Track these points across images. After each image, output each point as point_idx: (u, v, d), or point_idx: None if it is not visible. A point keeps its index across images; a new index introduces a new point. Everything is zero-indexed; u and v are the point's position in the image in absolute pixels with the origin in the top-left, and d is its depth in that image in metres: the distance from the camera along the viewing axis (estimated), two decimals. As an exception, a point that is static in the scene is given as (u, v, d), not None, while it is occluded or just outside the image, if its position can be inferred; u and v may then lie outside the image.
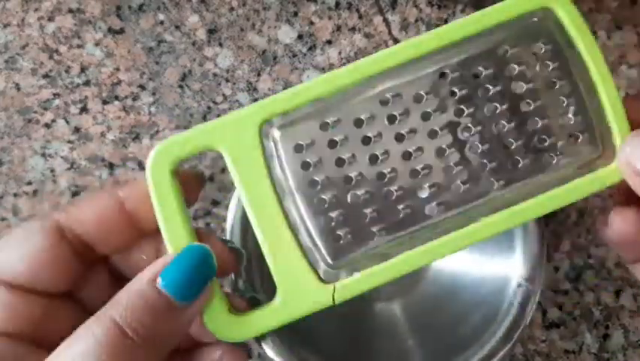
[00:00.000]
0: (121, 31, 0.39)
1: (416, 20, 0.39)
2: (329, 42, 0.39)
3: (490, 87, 0.21)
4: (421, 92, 0.21)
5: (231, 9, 0.39)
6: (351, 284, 0.21)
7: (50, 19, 0.39)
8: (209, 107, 0.38)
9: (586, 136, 0.21)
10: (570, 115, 0.21)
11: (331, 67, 0.38)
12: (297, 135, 0.21)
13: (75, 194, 0.37)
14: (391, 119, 0.21)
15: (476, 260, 0.33)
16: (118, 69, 0.39)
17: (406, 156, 0.22)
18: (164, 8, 0.39)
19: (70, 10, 0.39)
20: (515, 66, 0.21)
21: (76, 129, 0.38)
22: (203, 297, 0.18)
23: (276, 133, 0.21)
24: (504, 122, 0.21)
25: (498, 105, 0.21)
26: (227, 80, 0.38)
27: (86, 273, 0.21)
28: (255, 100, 0.38)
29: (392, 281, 0.21)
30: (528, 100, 0.21)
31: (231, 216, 0.30)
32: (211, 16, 0.39)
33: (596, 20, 0.39)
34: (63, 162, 0.38)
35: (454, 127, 0.21)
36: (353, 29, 0.39)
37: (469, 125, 0.21)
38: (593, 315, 0.37)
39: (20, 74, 0.39)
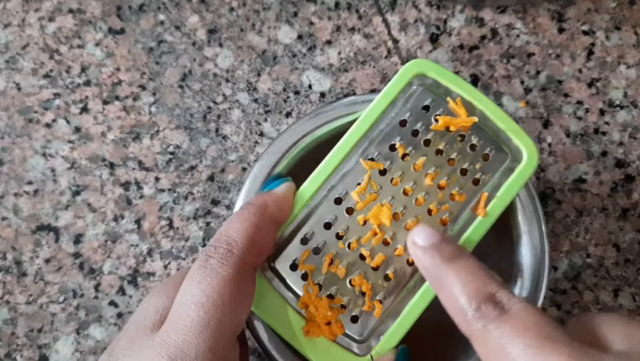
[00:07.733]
0: (121, 31, 0.39)
1: (415, 21, 0.39)
2: (329, 42, 0.39)
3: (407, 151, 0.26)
4: (359, 181, 0.26)
5: (231, 9, 0.39)
6: (382, 347, 0.26)
7: (51, 19, 0.39)
8: (209, 107, 0.38)
9: (494, 151, 0.26)
10: (474, 142, 0.26)
11: (330, 67, 0.39)
12: (288, 258, 0.26)
13: (76, 193, 0.38)
14: (349, 211, 0.26)
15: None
16: (118, 69, 0.39)
17: (375, 232, 0.26)
18: (165, 8, 0.39)
19: (71, 11, 0.40)
20: (418, 128, 0.26)
21: (77, 129, 0.38)
22: (279, 187, 0.26)
23: (272, 263, 0.26)
24: (432, 174, 0.26)
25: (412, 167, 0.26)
26: (227, 80, 0.39)
27: None
28: (255, 100, 0.38)
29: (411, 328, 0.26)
30: (439, 147, 0.26)
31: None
32: (211, 16, 0.39)
33: (595, 20, 0.39)
34: (64, 161, 0.38)
35: (399, 193, 0.26)
36: (352, 30, 0.39)
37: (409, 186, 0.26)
38: (592, 314, 0.37)
39: (21, 74, 0.39)
